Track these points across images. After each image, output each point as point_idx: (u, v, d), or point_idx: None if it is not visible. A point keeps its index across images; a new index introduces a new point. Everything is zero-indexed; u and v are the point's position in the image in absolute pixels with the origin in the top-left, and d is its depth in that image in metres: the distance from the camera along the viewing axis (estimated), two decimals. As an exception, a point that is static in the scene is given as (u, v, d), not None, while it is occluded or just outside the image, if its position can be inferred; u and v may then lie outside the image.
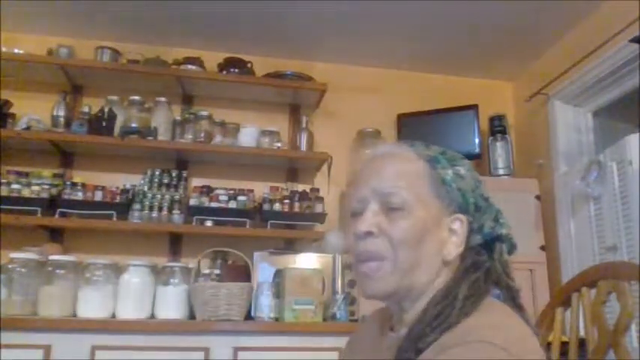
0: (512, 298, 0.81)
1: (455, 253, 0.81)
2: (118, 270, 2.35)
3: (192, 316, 2.33)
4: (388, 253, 0.79)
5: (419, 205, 0.80)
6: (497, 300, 0.80)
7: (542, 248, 2.77)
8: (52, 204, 2.56)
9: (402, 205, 0.79)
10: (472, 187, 0.84)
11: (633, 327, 1.97)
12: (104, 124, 2.68)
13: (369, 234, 0.80)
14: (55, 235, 2.72)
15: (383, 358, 0.82)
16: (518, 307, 0.80)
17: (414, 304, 0.80)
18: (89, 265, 2.33)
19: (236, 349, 2.16)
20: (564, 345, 1.14)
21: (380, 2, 2.60)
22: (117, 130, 2.69)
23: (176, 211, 2.66)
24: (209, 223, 2.68)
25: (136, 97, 2.78)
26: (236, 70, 2.89)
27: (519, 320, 0.75)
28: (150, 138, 2.70)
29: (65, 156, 2.84)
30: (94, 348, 2.07)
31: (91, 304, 2.24)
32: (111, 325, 2.18)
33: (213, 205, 2.69)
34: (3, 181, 2.54)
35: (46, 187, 2.57)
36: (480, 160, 3.15)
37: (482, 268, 0.80)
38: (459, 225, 0.82)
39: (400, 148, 0.86)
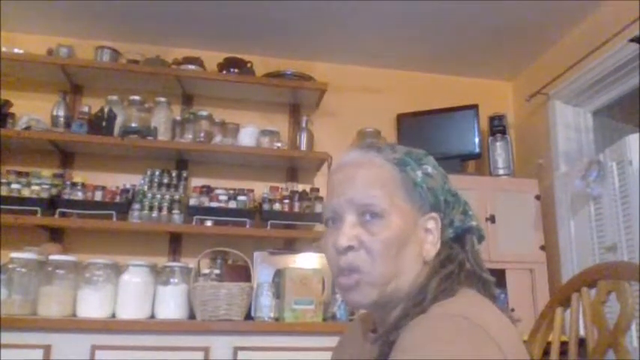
0: (485, 289, 0.81)
1: (433, 252, 0.81)
2: (118, 270, 2.36)
3: (192, 316, 2.33)
4: (369, 266, 0.78)
5: (395, 211, 0.79)
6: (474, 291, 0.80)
7: (542, 248, 2.77)
8: (52, 204, 2.56)
9: (379, 215, 0.79)
10: (441, 184, 0.84)
11: (633, 327, 1.97)
12: (104, 124, 2.68)
13: (349, 248, 0.79)
14: (55, 235, 2.72)
15: (366, 358, 0.82)
16: (491, 298, 0.80)
17: (398, 306, 0.80)
18: (89, 265, 2.33)
19: (236, 349, 2.17)
20: (564, 345, 1.14)
21: (380, 2, 2.60)
22: (117, 130, 2.70)
23: (176, 211, 2.66)
24: (209, 223, 2.68)
25: (136, 97, 2.79)
26: (236, 70, 2.90)
27: (495, 309, 0.75)
28: (150, 138, 2.70)
29: (65, 156, 2.84)
30: (94, 348, 2.08)
31: (91, 304, 2.25)
32: (111, 325, 2.18)
33: (213, 204, 2.69)
34: (3, 180, 2.54)
35: (46, 187, 2.57)
36: (479, 160, 3.15)
37: (456, 260, 0.81)
38: (433, 224, 0.82)
39: (369, 155, 0.84)
